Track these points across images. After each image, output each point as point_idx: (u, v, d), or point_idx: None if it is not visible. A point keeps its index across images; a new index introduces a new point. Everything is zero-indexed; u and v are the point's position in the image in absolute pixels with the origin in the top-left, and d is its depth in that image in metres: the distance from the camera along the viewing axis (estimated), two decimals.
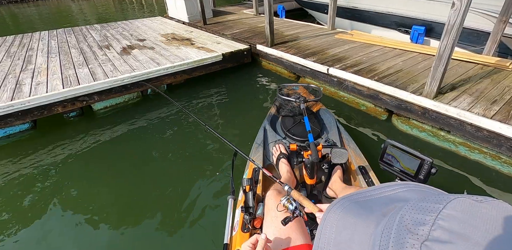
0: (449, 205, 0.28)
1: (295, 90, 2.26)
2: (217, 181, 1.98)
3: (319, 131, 1.76)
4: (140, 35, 4.96)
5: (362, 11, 4.16)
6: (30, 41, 5.01)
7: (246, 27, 4.88)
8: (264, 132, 1.83)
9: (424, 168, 0.84)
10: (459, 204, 0.28)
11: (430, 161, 0.84)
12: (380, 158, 0.96)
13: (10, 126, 2.74)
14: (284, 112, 1.94)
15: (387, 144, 0.93)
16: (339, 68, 2.81)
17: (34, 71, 3.43)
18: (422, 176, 0.85)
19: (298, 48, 3.58)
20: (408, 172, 0.89)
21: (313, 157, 1.20)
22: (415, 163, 0.86)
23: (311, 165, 1.23)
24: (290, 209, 0.82)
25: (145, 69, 3.21)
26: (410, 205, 0.30)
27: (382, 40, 3.52)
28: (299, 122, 1.79)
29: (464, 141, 2.00)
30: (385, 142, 0.94)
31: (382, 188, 0.40)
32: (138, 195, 1.94)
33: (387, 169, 0.95)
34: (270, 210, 0.99)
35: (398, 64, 2.79)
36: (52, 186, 2.10)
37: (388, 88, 2.33)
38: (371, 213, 0.35)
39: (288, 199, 0.83)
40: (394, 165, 0.93)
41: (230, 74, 3.84)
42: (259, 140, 1.73)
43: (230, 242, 1.08)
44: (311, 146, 1.25)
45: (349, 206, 0.37)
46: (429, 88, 2.06)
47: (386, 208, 0.34)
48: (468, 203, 0.28)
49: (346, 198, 0.39)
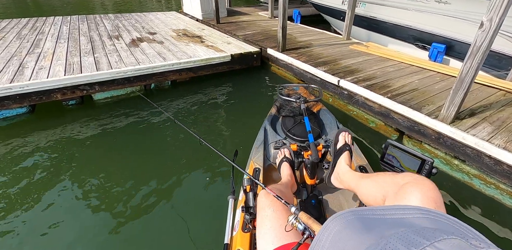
0: (435, 244, 0.27)
1: (296, 90, 2.27)
2: (218, 181, 1.96)
3: (319, 131, 1.75)
4: (152, 28, 4.90)
5: (380, 21, 4.02)
6: (43, 25, 4.98)
7: (259, 30, 4.78)
8: (265, 132, 1.81)
9: (425, 168, 0.85)
10: (447, 245, 0.26)
11: (431, 161, 0.83)
12: (381, 158, 0.96)
13: (7, 109, 2.67)
14: (285, 112, 1.93)
15: (388, 144, 0.93)
16: (350, 81, 2.68)
17: (40, 55, 3.37)
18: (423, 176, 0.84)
19: (309, 55, 3.46)
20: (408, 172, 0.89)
21: (313, 157, 1.20)
22: (416, 163, 0.86)
23: (311, 165, 1.23)
24: (299, 229, 0.78)
25: (150, 63, 3.12)
26: (400, 234, 0.29)
27: (399, 55, 3.38)
28: (299, 123, 1.77)
29: (480, 173, 1.84)
30: (386, 142, 0.93)
31: (398, 209, 0.38)
32: (132, 193, 1.86)
33: (388, 169, 0.95)
34: (261, 209, 0.95)
35: (414, 83, 2.64)
36: (43, 172, 2.04)
37: (401, 107, 2.18)
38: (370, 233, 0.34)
39: (296, 217, 0.81)
40: (395, 165, 0.93)
41: (238, 76, 3.73)
42: (259, 140, 1.72)
43: (230, 242, 1.08)
44: (311, 146, 1.25)
45: (352, 220, 0.37)
46: (446, 112, 1.92)
47: (389, 231, 0.33)
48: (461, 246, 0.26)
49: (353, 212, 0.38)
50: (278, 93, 1.98)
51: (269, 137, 1.76)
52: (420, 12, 3.44)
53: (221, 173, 2.02)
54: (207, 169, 2.07)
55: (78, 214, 1.72)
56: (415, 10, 3.51)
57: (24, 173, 2.04)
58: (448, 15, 3.14)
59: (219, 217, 1.55)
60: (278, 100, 2.06)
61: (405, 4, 3.61)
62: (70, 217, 1.70)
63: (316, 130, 1.73)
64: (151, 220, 1.67)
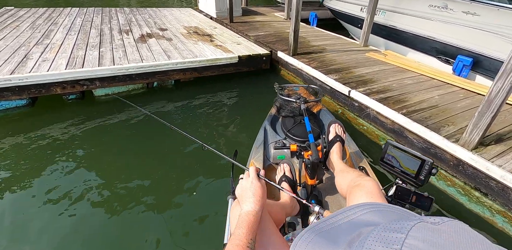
0: (410, 234, 0.28)
1: (296, 90, 2.27)
2: (217, 181, 1.95)
3: (320, 131, 1.74)
4: (164, 24, 4.81)
5: (400, 31, 3.76)
6: (58, 16, 4.99)
7: (272, 31, 4.60)
8: (265, 132, 1.82)
9: (424, 168, 0.85)
10: (420, 231, 0.28)
11: (431, 161, 0.84)
12: (381, 159, 0.96)
13: (6, 100, 2.62)
14: (285, 112, 1.93)
15: (388, 144, 0.94)
16: (362, 92, 2.47)
17: (47, 47, 3.32)
18: (423, 176, 0.86)
19: (321, 61, 3.25)
20: (408, 173, 0.89)
21: (313, 157, 1.22)
22: (416, 164, 0.86)
23: (311, 165, 1.24)
24: None
25: (153, 61, 3.01)
26: (374, 235, 0.30)
27: (419, 66, 3.12)
28: (299, 123, 1.77)
29: (505, 210, 1.59)
30: (386, 142, 0.94)
31: (345, 212, 0.40)
32: (130, 192, 1.83)
33: (388, 169, 0.95)
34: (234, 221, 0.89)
35: (433, 98, 2.40)
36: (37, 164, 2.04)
37: (416, 126, 1.96)
38: (337, 245, 0.34)
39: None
40: (394, 166, 0.93)
41: (245, 79, 3.57)
42: (259, 140, 1.72)
43: None
44: (312, 146, 1.26)
45: (314, 239, 0.37)
46: (469, 136, 1.69)
47: (351, 236, 0.34)
48: (428, 228, 0.28)
49: (311, 230, 0.39)
50: (278, 94, 1.98)
51: (269, 137, 1.76)
52: (444, 23, 3.17)
53: (220, 173, 2.01)
54: (207, 169, 2.06)
55: (72, 212, 1.68)
56: (439, 20, 3.23)
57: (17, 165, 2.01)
58: (477, 27, 2.86)
59: (218, 217, 1.59)
60: (278, 100, 2.05)
61: (428, 13, 3.34)
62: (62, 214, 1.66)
63: (316, 130, 1.72)
64: (151, 220, 1.65)
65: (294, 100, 1.85)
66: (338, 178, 1.17)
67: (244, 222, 0.72)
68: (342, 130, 1.54)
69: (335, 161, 1.32)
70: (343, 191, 1.07)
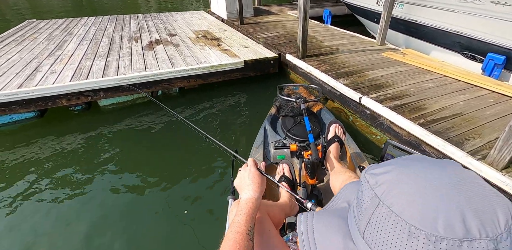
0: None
1: (295, 90, 2.29)
2: (218, 181, 1.98)
3: (319, 131, 1.75)
4: (174, 29, 4.79)
5: (420, 25, 3.41)
6: (74, 26, 5.15)
7: (282, 32, 4.41)
8: (264, 132, 1.83)
9: None
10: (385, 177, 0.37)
11: None
12: (381, 158, 0.97)
13: (15, 113, 2.70)
14: (284, 112, 1.93)
15: (388, 144, 0.94)
16: (375, 98, 2.24)
17: (58, 58, 3.40)
18: None
19: (332, 64, 3.03)
20: None
21: (313, 157, 1.22)
22: None
23: (311, 165, 1.25)
24: None
25: (157, 69, 2.96)
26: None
27: (442, 66, 2.80)
28: (299, 123, 1.78)
29: None
30: (386, 142, 0.95)
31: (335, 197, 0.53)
32: (133, 194, 1.89)
33: None
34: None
35: (457, 105, 2.11)
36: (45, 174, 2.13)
37: (435, 139, 1.72)
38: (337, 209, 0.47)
39: None
40: None
41: (252, 84, 3.44)
42: (259, 140, 1.73)
43: None
44: (312, 146, 1.26)
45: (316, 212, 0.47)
46: (498, 153, 1.43)
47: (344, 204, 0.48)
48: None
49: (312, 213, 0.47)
50: (278, 93, 1.98)
51: (269, 136, 1.77)
52: (471, 15, 2.81)
53: (220, 173, 2.04)
54: (207, 169, 2.09)
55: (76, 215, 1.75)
56: (464, 12, 2.87)
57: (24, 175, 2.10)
58: (510, 19, 2.49)
59: (219, 217, 1.62)
60: (277, 100, 2.06)
61: (452, 5, 2.99)
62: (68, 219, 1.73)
63: (316, 130, 1.73)
64: (150, 221, 1.69)
65: (294, 100, 1.85)
66: (331, 179, 1.21)
67: (244, 209, 0.72)
68: (342, 130, 1.57)
69: (331, 161, 1.35)
70: (335, 191, 1.11)
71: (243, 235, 0.65)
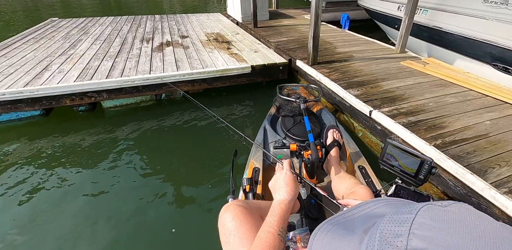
0: (419, 214, 0.32)
1: (295, 90, 2.29)
2: (217, 180, 1.99)
3: (319, 131, 1.74)
4: (187, 31, 4.76)
5: (446, 33, 3.13)
6: (92, 26, 5.25)
7: (296, 36, 4.25)
8: (264, 132, 1.83)
9: (424, 168, 0.85)
10: (428, 211, 0.33)
11: (430, 160, 0.85)
12: (381, 158, 0.97)
13: (20, 111, 2.72)
14: (284, 112, 1.94)
15: (388, 143, 0.94)
16: (387, 113, 2.03)
17: (69, 57, 3.43)
18: (422, 175, 0.86)
19: (344, 72, 2.83)
20: (408, 172, 0.90)
21: (313, 156, 1.23)
22: (415, 163, 0.87)
23: (311, 164, 1.25)
24: None
25: (161, 72, 2.90)
26: (386, 219, 0.34)
27: (468, 79, 2.53)
28: (299, 123, 1.78)
29: None
30: (386, 141, 0.95)
31: (360, 207, 0.47)
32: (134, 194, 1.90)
33: (387, 168, 0.96)
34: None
35: (482, 124, 1.86)
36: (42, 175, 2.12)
37: (453, 165, 1.50)
38: (353, 233, 0.40)
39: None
40: (394, 165, 0.94)
41: (259, 90, 3.31)
42: (259, 140, 1.74)
43: None
44: (311, 146, 1.27)
45: (332, 229, 0.43)
46: None
47: (366, 225, 0.40)
48: (435, 209, 0.33)
49: (329, 222, 0.45)
50: (278, 93, 1.99)
51: (269, 136, 1.77)
52: (504, 22, 2.53)
53: (220, 173, 2.04)
54: (207, 169, 2.11)
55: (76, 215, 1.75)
56: (496, 19, 2.59)
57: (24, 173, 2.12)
58: None
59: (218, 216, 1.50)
60: (277, 100, 2.06)
61: (482, 11, 2.71)
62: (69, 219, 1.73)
63: (316, 130, 1.72)
64: (150, 221, 1.70)
65: (293, 100, 1.86)
66: (334, 183, 1.23)
67: (277, 210, 0.73)
68: (339, 135, 1.62)
69: (333, 166, 1.36)
70: (339, 195, 1.15)
71: (274, 235, 0.66)
